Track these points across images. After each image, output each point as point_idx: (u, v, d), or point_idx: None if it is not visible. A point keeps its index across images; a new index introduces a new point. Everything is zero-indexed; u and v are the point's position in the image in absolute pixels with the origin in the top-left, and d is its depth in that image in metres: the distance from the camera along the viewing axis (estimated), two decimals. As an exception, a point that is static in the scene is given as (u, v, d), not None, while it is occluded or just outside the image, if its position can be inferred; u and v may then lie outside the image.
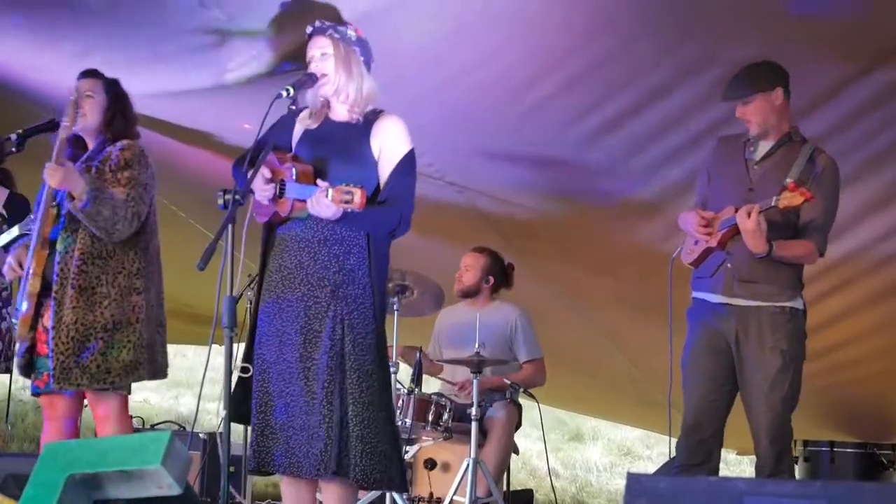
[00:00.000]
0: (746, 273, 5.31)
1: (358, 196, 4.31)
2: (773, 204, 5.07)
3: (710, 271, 5.44)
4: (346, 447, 4.47)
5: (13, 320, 5.38)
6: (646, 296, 7.70)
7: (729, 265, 5.35)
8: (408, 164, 4.70)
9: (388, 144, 4.70)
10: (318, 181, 4.48)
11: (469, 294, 7.35)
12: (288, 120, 4.80)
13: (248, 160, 4.53)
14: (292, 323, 4.59)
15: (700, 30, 5.56)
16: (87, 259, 5.16)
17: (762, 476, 5.31)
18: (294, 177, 4.58)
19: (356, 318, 4.56)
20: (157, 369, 5.39)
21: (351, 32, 4.77)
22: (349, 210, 4.37)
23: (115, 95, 5.42)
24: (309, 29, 4.80)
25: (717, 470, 5.56)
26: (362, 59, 4.78)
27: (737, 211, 5.21)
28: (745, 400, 5.39)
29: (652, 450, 14.95)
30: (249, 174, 4.44)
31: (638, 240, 7.52)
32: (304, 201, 4.54)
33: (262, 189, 4.63)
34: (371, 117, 4.74)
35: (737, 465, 13.59)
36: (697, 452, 5.43)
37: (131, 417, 5.63)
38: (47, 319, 5.20)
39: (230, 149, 7.21)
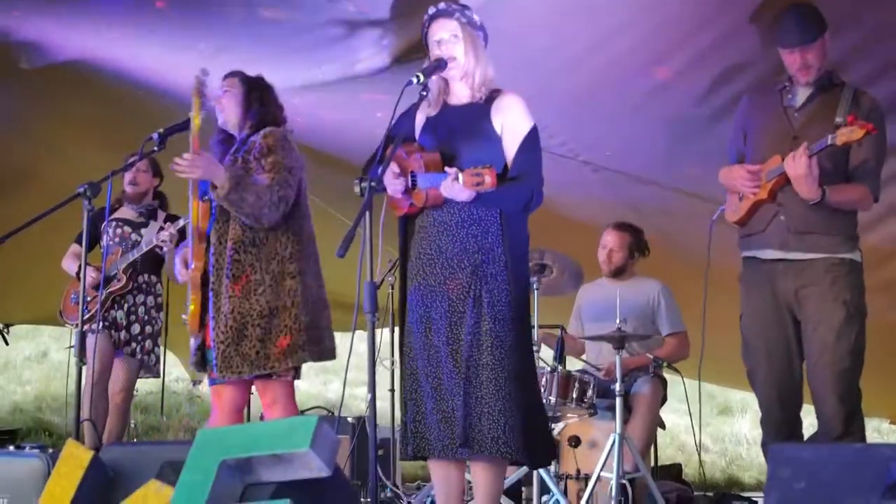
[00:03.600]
0: (802, 223, 5.08)
1: (489, 176, 4.36)
2: (829, 143, 4.82)
3: (761, 226, 5.21)
4: (489, 423, 4.49)
5: (183, 316, 5.53)
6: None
7: (782, 217, 5.13)
8: (532, 140, 4.71)
9: (510, 122, 4.71)
10: (446, 168, 4.52)
11: (619, 273, 7.38)
12: (411, 111, 4.82)
13: (378, 156, 4.62)
14: (437, 307, 4.66)
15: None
16: (239, 248, 5.24)
17: (828, 441, 5.02)
18: (423, 167, 4.64)
19: (495, 296, 4.59)
20: (324, 350, 5.44)
21: (476, 17, 4.82)
22: (482, 191, 4.43)
23: (251, 87, 5.49)
24: (432, 10, 4.83)
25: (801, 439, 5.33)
26: (483, 43, 4.83)
27: (784, 160, 4.99)
28: (808, 358, 5.15)
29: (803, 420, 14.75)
30: (380, 169, 4.51)
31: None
32: (438, 189, 4.59)
33: (392, 184, 4.69)
34: (491, 96, 4.76)
35: (892, 433, 13.34)
36: (784, 429, 5.25)
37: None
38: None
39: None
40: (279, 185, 5.24)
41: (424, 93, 4.69)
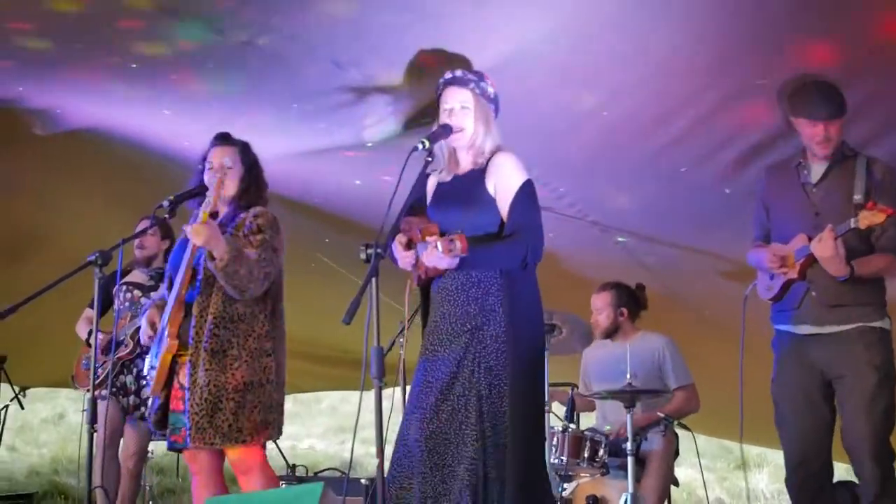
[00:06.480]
0: (833, 298, 5.26)
1: (459, 242, 4.38)
2: (851, 226, 5.01)
3: (794, 303, 5.40)
4: (484, 489, 4.50)
5: (147, 375, 5.57)
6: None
7: (813, 294, 5.31)
8: (525, 195, 4.72)
9: (502, 180, 4.73)
10: (427, 238, 4.55)
11: (611, 333, 7.32)
12: (422, 180, 4.87)
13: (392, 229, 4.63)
14: (436, 371, 4.68)
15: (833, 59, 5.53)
16: (219, 323, 5.32)
17: (866, 501, 5.24)
18: (420, 238, 4.68)
19: (493, 360, 4.59)
20: (280, 430, 5.55)
21: (490, 89, 4.86)
22: (457, 256, 4.45)
23: (250, 164, 5.56)
24: (448, 75, 4.87)
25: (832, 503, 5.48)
26: (494, 115, 4.87)
27: (810, 239, 5.18)
28: (844, 421, 5.31)
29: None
30: (388, 243, 4.59)
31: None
32: None
33: (402, 257, 4.76)
34: (487, 159, 4.80)
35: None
36: (808, 488, 5.40)
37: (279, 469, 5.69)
38: (183, 377, 5.38)
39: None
40: (265, 261, 5.35)
41: (430, 158, 4.72)
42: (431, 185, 4.97)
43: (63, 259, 6.28)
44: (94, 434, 5.53)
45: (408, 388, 6.38)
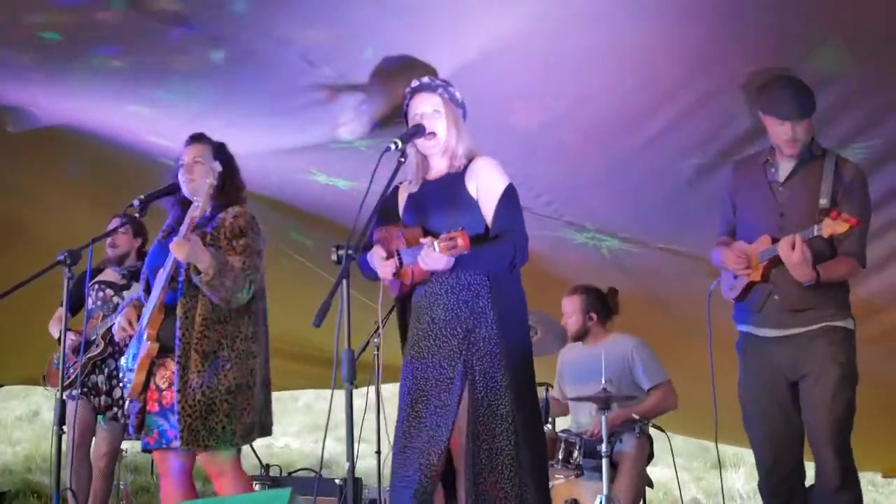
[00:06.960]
0: (796, 302, 5.23)
1: (461, 239, 4.35)
2: (815, 233, 4.98)
3: (756, 305, 5.37)
4: (483, 493, 4.49)
5: (122, 377, 5.53)
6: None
7: (776, 297, 5.28)
8: (509, 198, 4.73)
9: (485, 183, 4.74)
10: (421, 239, 4.52)
11: (581, 337, 7.31)
12: (391, 196, 4.88)
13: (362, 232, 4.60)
14: (427, 378, 4.66)
15: (811, 56, 5.49)
16: (208, 324, 5.27)
17: (825, 495, 5.19)
18: (405, 244, 4.65)
19: (487, 362, 4.58)
20: (266, 429, 5.53)
21: (458, 94, 4.88)
22: (458, 254, 4.41)
23: (225, 161, 5.48)
24: (415, 83, 4.89)
25: None
26: (463, 120, 4.88)
27: (773, 241, 5.16)
28: (806, 413, 5.27)
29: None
30: (369, 255, 4.67)
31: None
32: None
33: (382, 268, 4.73)
34: (465, 163, 4.81)
35: (885, 486, 13.29)
36: (780, 492, 5.37)
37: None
38: (159, 379, 5.35)
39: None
40: (250, 269, 5.33)
41: (402, 159, 4.69)
42: (402, 197, 4.97)
43: (36, 252, 6.25)
44: (63, 435, 5.48)
45: (384, 386, 6.37)
